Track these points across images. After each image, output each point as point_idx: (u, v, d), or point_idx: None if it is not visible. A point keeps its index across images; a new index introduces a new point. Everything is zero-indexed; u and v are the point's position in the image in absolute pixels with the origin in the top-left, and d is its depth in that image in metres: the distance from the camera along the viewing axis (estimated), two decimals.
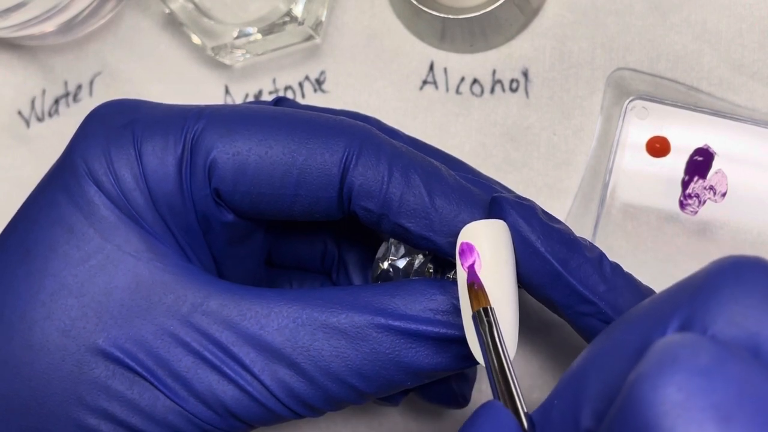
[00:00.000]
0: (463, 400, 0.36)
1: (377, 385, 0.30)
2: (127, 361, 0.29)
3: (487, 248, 0.29)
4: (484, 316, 0.28)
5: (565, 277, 0.30)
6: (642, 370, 0.21)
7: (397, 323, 0.30)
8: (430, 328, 0.30)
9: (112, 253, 0.30)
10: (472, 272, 0.29)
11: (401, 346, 0.30)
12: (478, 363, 0.29)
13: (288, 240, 0.38)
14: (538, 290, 0.31)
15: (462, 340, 0.29)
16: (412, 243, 0.32)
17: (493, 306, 0.28)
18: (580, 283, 0.30)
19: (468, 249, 0.29)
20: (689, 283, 0.24)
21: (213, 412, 0.30)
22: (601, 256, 0.31)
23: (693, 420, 0.19)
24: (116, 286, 0.30)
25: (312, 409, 0.31)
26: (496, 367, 0.27)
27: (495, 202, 0.31)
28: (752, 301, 0.22)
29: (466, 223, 0.30)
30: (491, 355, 0.27)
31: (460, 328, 0.30)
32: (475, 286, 0.29)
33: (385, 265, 0.35)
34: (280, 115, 0.32)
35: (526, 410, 0.26)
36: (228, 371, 0.30)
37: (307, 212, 0.32)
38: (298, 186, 0.31)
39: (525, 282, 0.31)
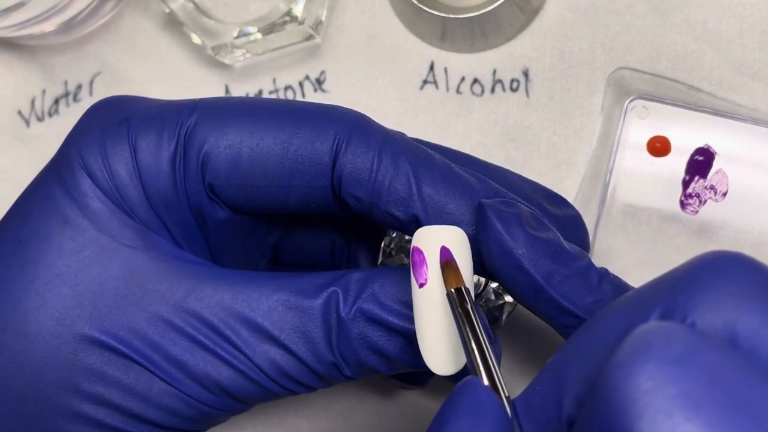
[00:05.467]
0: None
1: (354, 368, 0.31)
2: (122, 348, 0.30)
3: (436, 256, 0.28)
4: (456, 295, 0.27)
5: (548, 292, 0.29)
6: (616, 358, 0.21)
7: (374, 311, 0.30)
8: (396, 321, 0.30)
9: (107, 243, 0.30)
10: (445, 251, 0.28)
11: (372, 333, 0.30)
12: (432, 372, 0.28)
13: (294, 238, 0.38)
14: (521, 302, 0.30)
15: None
16: (405, 232, 0.31)
17: (437, 319, 0.28)
18: (563, 298, 0.29)
19: (416, 253, 0.29)
20: (672, 275, 0.24)
21: (210, 392, 0.30)
22: (589, 265, 0.30)
23: (662, 408, 0.19)
24: (110, 276, 0.30)
25: (304, 386, 0.31)
26: (474, 349, 0.26)
27: (479, 209, 0.30)
28: (732, 289, 0.22)
29: (453, 214, 0.30)
30: (468, 337, 0.26)
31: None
32: (450, 265, 0.28)
33: (391, 240, 0.35)
34: (272, 106, 0.32)
35: (507, 394, 0.25)
36: (222, 353, 0.30)
37: (303, 203, 0.31)
38: (292, 176, 0.31)
39: (509, 292, 0.30)
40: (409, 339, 0.30)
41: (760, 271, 0.23)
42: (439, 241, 0.29)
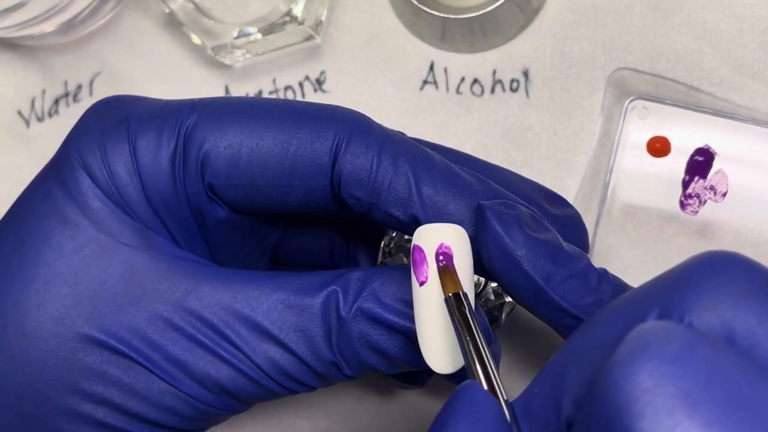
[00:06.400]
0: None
1: (355, 367, 0.31)
2: (121, 347, 0.30)
3: (434, 254, 0.28)
4: (454, 300, 0.27)
5: (547, 293, 0.29)
6: (615, 358, 0.21)
7: (375, 310, 0.30)
8: (396, 319, 0.30)
9: (106, 243, 0.30)
10: (442, 254, 0.28)
11: (372, 331, 0.30)
12: (432, 371, 0.28)
13: (294, 237, 0.38)
14: (521, 303, 0.31)
15: None
16: (404, 232, 0.31)
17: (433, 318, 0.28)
18: (563, 299, 0.29)
19: (417, 251, 0.29)
20: (669, 275, 0.24)
21: (209, 392, 0.30)
22: (588, 266, 0.30)
23: (662, 406, 0.19)
24: (110, 275, 0.30)
25: (304, 385, 0.31)
26: (472, 353, 0.26)
27: (478, 211, 0.30)
28: (728, 288, 0.22)
29: (452, 215, 0.30)
30: (466, 340, 0.26)
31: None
32: (448, 269, 0.28)
33: (391, 240, 0.35)
34: (271, 106, 0.32)
35: (506, 398, 0.25)
36: (222, 352, 0.30)
37: (303, 203, 0.32)
38: (292, 176, 0.31)
39: (508, 293, 0.30)
40: (409, 338, 0.30)
41: (756, 270, 0.23)
42: (439, 239, 0.29)
